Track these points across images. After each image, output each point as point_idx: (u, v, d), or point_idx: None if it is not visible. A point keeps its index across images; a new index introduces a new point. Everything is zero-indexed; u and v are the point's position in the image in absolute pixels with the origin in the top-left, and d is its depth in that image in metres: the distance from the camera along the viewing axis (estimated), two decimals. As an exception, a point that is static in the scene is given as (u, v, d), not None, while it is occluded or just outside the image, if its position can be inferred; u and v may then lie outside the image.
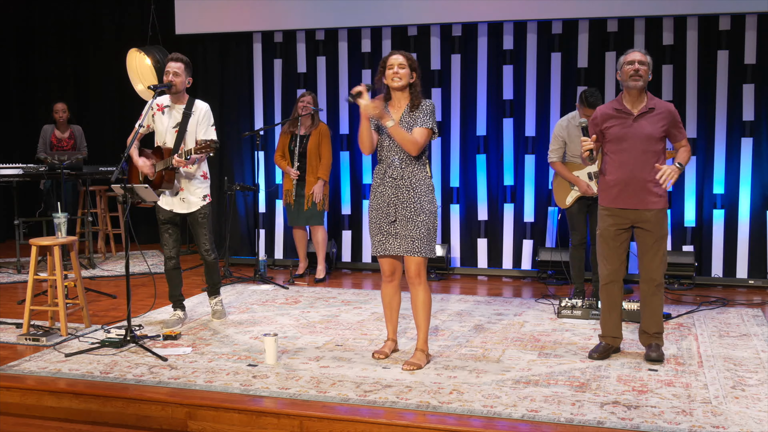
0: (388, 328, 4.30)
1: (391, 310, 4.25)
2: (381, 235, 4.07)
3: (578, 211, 5.52)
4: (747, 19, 6.32)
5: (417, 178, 4.03)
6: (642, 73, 4.02)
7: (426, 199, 4.03)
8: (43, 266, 6.46)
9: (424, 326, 4.11)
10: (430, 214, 4.03)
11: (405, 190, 4.01)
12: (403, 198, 4.01)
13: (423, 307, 4.08)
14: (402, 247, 4.01)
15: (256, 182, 7.22)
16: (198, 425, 3.56)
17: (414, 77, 4.05)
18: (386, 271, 4.17)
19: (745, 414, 3.37)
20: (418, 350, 4.12)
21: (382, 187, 4.06)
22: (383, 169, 4.07)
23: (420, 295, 4.07)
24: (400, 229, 4.01)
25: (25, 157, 8.07)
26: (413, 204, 4.00)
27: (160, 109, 4.85)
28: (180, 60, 4.78)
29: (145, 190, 4.56)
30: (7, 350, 4.45)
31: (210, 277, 5.12)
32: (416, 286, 4.07)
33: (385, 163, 4.07)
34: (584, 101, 5.30)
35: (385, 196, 4.04)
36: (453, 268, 7.12)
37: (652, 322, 4.16)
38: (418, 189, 4.02)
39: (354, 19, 7.06)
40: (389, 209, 4.03)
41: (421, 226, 4.00)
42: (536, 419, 3.31)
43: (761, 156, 6.40)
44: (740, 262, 6.48)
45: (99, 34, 8.89)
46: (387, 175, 4.04)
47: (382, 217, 4.05)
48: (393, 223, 4.02)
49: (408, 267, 4.06)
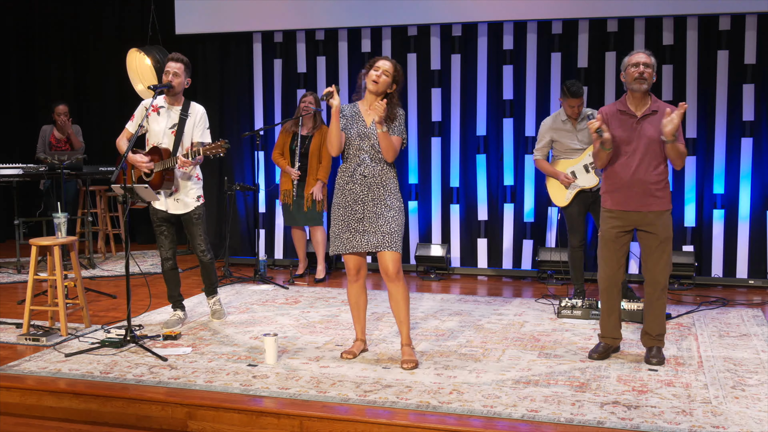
0: (356, 329, 4.31)
1: (358, 310, 4.27)
2: (348, 232, 4.07)
3: (578, 213, 5.51)
4: (747, 19, 6.32)
5: (387, 176, 4.08)
6: (647, 76, 4.00)
7: (395, 196, 4.10)
8: (43, 266, 6.46)
9: (407, 321, 4.13)
10: (399, 211, 4.09)
11: (376, 187, 4.05)
12: (373, 195, 4.04)
13: (404, 302, 4.09)
14: (372, 243, 4.03)
15: (256, 182, 7.22)
16: (198, 425, 3.56)
17: (393, 88, 4.08)
18: (352, 269, 4.17)
19: (745, 414, 3.37)
20: (406, 346, 4.14)
21: (351, 184, 4.07)
22: (352, 167, 4.08)
23: (400, 290, 4.08)
24: (368, 226, 4.03)
25: (25, 157, 8.07)
26: (383, 201, 4.04)
27: (155, 110, 4.83)
28: (180, 60, 4.78)
29: (145, 190, 4.56)
30: (7, 350, 4.45)
31: (207, 277, 5.11)
32: (395, 282, 4.07)
33: (354, 161, 4.08)
34: (566, 92, 5.34)
35: (354, 193, 4.06)
36: (453, 268, 7.12)
37: (655, 325, 4.15)
38: (387, 186, 4.07)
39: (354, 19, 7.06)
40: (357, 206, 4.05)
41: (391, 222, 4.03)
42: (536, 419, 3.31)
43: (761, 156, 6.40)
44: (740, 262, 6.48)
45: (99, 35, 8.89)
46: (357, 172, 4.06)
47: (350, 214, 4.06)
48: (361, 220, 4.04)
49: (385, 264, 4.04)
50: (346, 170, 4.10)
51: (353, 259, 4.15)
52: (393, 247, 4.02)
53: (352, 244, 4.07)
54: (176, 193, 4.84)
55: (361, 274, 4.21)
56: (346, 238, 4.08)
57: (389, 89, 4.06)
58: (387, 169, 4.09)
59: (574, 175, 5.44)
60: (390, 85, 4.05)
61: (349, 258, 4.15)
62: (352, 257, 4.14)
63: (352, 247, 4.07)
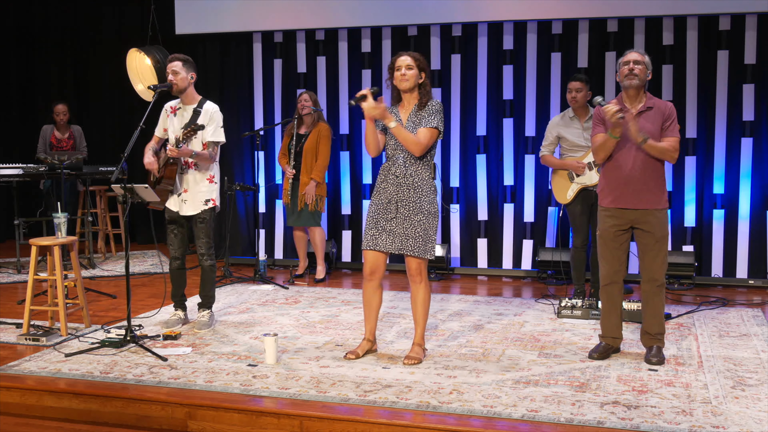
0: (366, 328, 4.30)
1: (369, 310, 4.24)
2: (376, 230, 4.08)
3: (581, 212, 5.51)
4: (747, 19, 6.32)
5: (420, 177, 4.05)
6: (637, 72, 4.02)
7: (426, 199, 4.05)
8: (43, 266, 6.46)
9: (422, 322, 4.16)
10: (428, 215, 4.05)
11: (407, 188, 4.03)
12: (404, 196, 4.03)
13: (423, 304, 4.12)
14: (395, 245, 4.03)
15: (256, 182, 7.22)
16: (198, 425, 3.56)
17: (423, 77, 4.07)
18: (367, 268, 4.15)
19: (745, 414, 3.37)
20: (416, 345, 4.17)
21: (385, 184, 4.08)
22: (388, 166, 4.10)
23: (420, 292, 4.11)
24: (396, 227, 4.03)
25: (25, 157, 8.06)
26: (413, 203, 4.02)
27: (173, 111, 4.88)
28: (177, 58, 4.78)
29: (145, 190, 4.56)
30: (7, 350, 4.45)
31: (203, 286, 4.99)
32: (417, 284, 4.10)
33: (391, 161, 4.09)
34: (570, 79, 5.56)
35: (387, 193, 4.06)
36: (453, 268, 7.12)
37: (653, 323, 4.15)
38: (419, 189, 4.03)
39: (354, 19, 7.06)
40: (389, 206, 4.04)
41: (417, 226, 4.01)
42: (536, 419, 3.31)
43: (761, 156, 6.40)
44: (740, 262, 6.48)
45: (99, 34, 8.89)
46: (391, 172, 4.06)
47: (381, 213, 4.06)
48: (391, 220, 4.03)
49: (408, 266, 4.09)
50: (383, 169, 4.13)
51: (371, 258, 4.13)
52: (416, 252, 4.01)
53: (376, 242, 4.07)
54: (185, 193, 4.83)
55: (376, 275, 4.17)
56: (371, 235, 4.09)
57: (419, 80, 4.06)
58: (421, 170, 4.05)
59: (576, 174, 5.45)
60: (418, 75, 4.05)
61: (368, 255, 4.13)
62: (370, 255, 4.13)
63: (375, 245, 4.07)
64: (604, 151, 4.11)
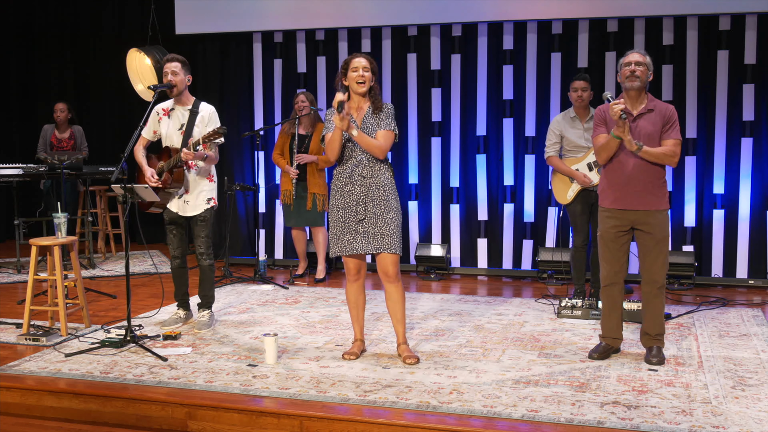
0: (355, 329, 4.31)
1: (357, 310, 4.28)
2: (349, 234, 4.07)
3: (581, 211, 5.50)
4: (747, 19, 6.32)
5: (385, 176, 4.08)
6: (639, 74, 4.01)
7: (393, 197, 4.10)
8: (43, 266, 6.46)
9: (403, 320, 4.19)
10: (397, 212, 4.09)
11: (375, 188, 4.04)
12: (372, 196, 4.04)
13: (400, 302, 4.15)
14: (372, 245, 4.03)
15: (256, 182, 7.22)
16: (198, 425, 3.56)
17: (373, 81, 4.09)
18: (352, 270, 4.17)
19: (745, 414, 3.37)
20: (403, 344, 4.19)
21: (349, 185, 4.06)
22: (349, 168, 4.07)
23: (398, 291, 4.13)
24: (369, 228, 4.03)
25: (25, 157, 8.07)
26: (383, 202, 4.04)
27: (166, 113, 4.85)
28: (176, 59, 4.78)
29: (145, 190, 4.56)
30: (7, 350, 4.45)
31: (202, 286, 4.98)
32: (393, 283, 4.11)
33: (351, 162, 4.07)
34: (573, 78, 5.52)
35: (353, 195, 4.05)
36: (453, 268, 7.12)
37: (653, 324, 4.15)
38: (386, 187, 4.07)
39: (354, 19, 7.06)
40: (358, 208, 4.04)
41: (390, 223, 4.03)
42: (536, 419, 3.31)
43: (761, 156, 6.40)
44: (740, 262, 6.48)
45: (99, 35, 8.89)
46: (355, 173, 4.05)
47: (351, 215, 4.06)
48: (361, 221, 4.04)
49: (385, 266, 4.07)
50: (343, 172, 4.09)
51: (354, 260, 4.15)
52: (393, 249, 4.03)
53: (353, 246, 4.07)
54: (186, 194, 4.83)
55: (362, 274, 4.22)
56: (346, 240, 4.08)
57: (372, 83, 4.07)
58: (384, 169, 4.09)
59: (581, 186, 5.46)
60: (372, 79, 4.06)
61: (350, 259, 4.15)
62: (352, 259, 4.14)
63: (353, 249, 4.07)
64: (606, 152, 4.09)
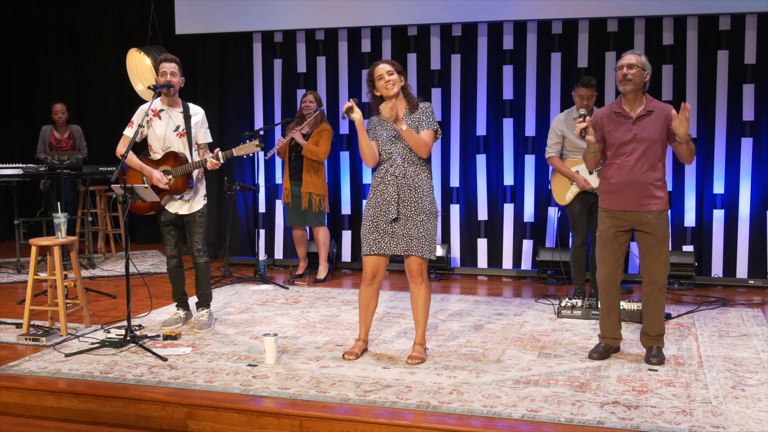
0: (361, 329, 4.30)
1: (366, 312, 4.26)
2: (377, 233, 4.07)
3: (580, 211, 5.51)
4: (747, 19, 6.32)
5: (419, 178, 4.06)
6: (631, 77, 4.00)
7: (427, 199, 4.06)
8: (43, 266, 6.46)
9: (423, 322, 4.17)
10: (430, 215, 4.06)
11: (407, 189, 4.03)
12: (404, 197, 4.03)
13: (424, 304, 4.14)
14: (399, 246, 4.03)
15: (256, 182, 7.22)
16: (198, 425, 3.56)
17: (403, 80, 4.10)
18: (368, 272, 4.15)
19: (745, 414, 3.37)
20: (418, 344, 4.18)
21: (383, 185, 4.07)
22: (385, 168, 4.09)
23: (422, 293, 4.12)
24: (399, 228, 4.03)
25: (25, 157, 8.07)
26: (414, 203, 4.03)
27: (156, 114, 4.81)
28: (174, 60, 4.77)
29: (145, 190, 4.55)
30: (7, 350, 4.45)
31: (200, 285, 4.96)
32: (418, 285, 4.11)
33: (388, 162, 4.08)
34: (578, 82, 5.41)
35: (386, 194, 4.05)
36: (453, 268, 7.12)
37: (654, 325, 4.15)
38: (420, 189, 4.05)
39: (354, 19, 7.06)
40: (390, 207, 4.03)
41: (420, 226, 4.02)
42: (536, 419, 3.31)
43: (761, 156, 6.40)
44: (740, 262, 6.48)
45: (99, 34, 8.89)
46: (389, 173, 4.06)
47: (381, 215, 4.06)
48: (393, 221, 4.03)
49: (410, 266, 4.08)
50: (379, 172, 4.11)
51: (372, 262, 4.13)
52: (420, 252, 4.02)
53: (380, 246, 4.06)
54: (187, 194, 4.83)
55: (377, 279, 4.18)
56: (373, 239, 4.08)
57: (402, 83, 4.09)
58: (420, 170, 4.07)
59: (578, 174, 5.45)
60: (400, 79, 4.08)
61: (369, 259, 4.13)
62: (372, 259, 4.12)
63: (379, 249, 4.06)
64: (589, 164, 4.24)
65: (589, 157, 4.16)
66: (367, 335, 4.33)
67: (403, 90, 4.11)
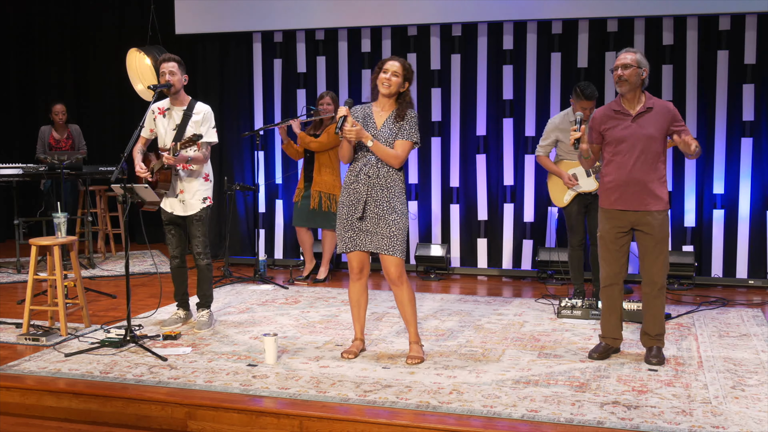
0: (356, 328, 4.31)
1: (359, 309, 4.28)
2: (352, 231, 4.08)
3: (577, 212, 5.51)
4: (747, 19, 6.32)
5: (392, 179, 4.07)
6: (626, 77, 4.00)
7: (398, 200, 4.07)
8: (42, 266, 6.46)
9: (413, 321, 4.17)
10: (401, 215, 4.07)
11: (379, 188, 4.04)
12: (375, 196, 4.04)
13: (409, 303, 4.14)
14: (374, 244, 4.04)
15: (256, 182, 7.22)
16: (198, 425, 3.56)
17: (406, 87, 4.09)
18: (355, 268, 4.17)
19: (745, 414, 3.37)
20: (413, 343, 4.18)
21: (355, 184, 4.08)
22: (358, 167, 4.08)
23: (405, 294, 4.12)
24: (371, 227, 4.04)
25: (24, 157, 8.07)
26: (386, 202, 4.03)
27: (162, 112, 4.85)
28: (173, 59, 4.78)
29: (145, 190, 4.56)
30: (7, 350, 4.45)
31: (200, 286, 4.97)
32: (399, 287, 4.11)
33: (361, 161, 4.08)
34: (578, 93, 5.26)
35: (357, 192, 4.06)
36: (453, 268, 7.12)
37: (654, 325, 4.15)
38: (391, 189, 4.06)
39: (354, 19, 7.06)
40: (359, 205, 4.04)
41: (392, 225, 4.02)
42: (536, 419, 3.31)
43: (761, 156, 6.40)
44: (740, 262, 6.48)
45: (99, 34, 8.89)
46: (362, 172, 4.06)
47: (352, 213, 4.07)
48: (360, 219, 4.04)
49: (387, 268, 4.07)
50: (353, 170, 4.11)
51: (356, 258, 4.15)
52: (393, 251, 4.02)
53: (355, 243, 4.08)
54: (182, 194, 4.83)
55: (364, 273, 4.21)
56: (348, 237, 4.09)
57: (401, 89, 4.07)
58: (393, 172, 4.08)
59: (575, 177, 5.45)
60: (402, 84, 4.05)
61: (353, 256, 4.15)
62: (355, 255, 4.14)
63: (354, 245, 4.08)
64: (583, 164, 4.30)
65: (583, 162, 4.26)
66: (363, 334, 4.34)
67: (401, 95, 4.09)
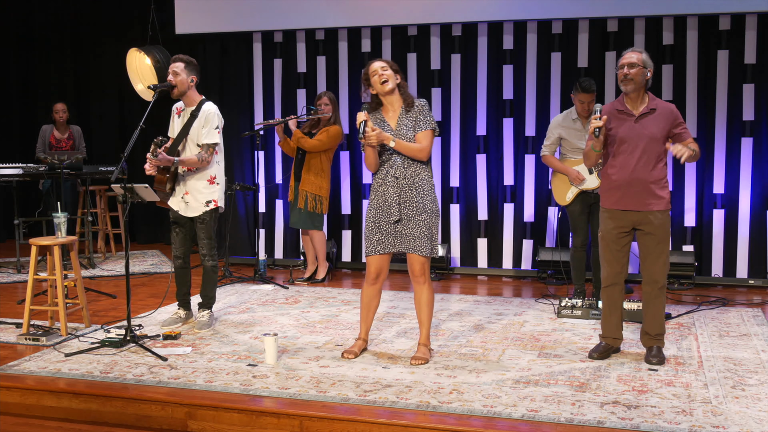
0: (362, 327, 4.31)
1: (368, 311, 4.27)
2: (380, 234, 4.07)
3: (580, 212, 5.50)
4: (747, 19, 6.32)
5: (420, 177, 4.06)
6: (632, 76, 3.99)
7: (428, 198, 4.06)
8: (43, 266, 6.46)
9: (427, 323, 4.18)
10: (432, 214, 4.06)
11: (408, 189, 4.03)
12: (405, 197, 4.03)
13: (427, 305, 4.14)
14: (403, 245, 4.04)
15: (256, 182, 7.21)
16: (198, 425, 3.56)
17: (399, 78, 4.10)
18: (372, 272, 4.16)
19: (745, 414, 3.37)
20: (422, 345, 4.18)
21: (383, 186, 4.07)
22: (385, 169, 4.08)
23: (425, 293, 4.12)
24: (401, 228, 4.03)
25: (25, 157, 8.06)
26: (416, 203, 4.03)
27: (178, 112, 4.92)
28: (180, 60, 4.79)
29: (145, 189, 4.56)
30: (7, 350, 4.45)
31: (204, 287, 4.98)
32: (421, 285, 4.11)
33: (387, 163, 4.08)
34: (578, 87, 5.33)
35: (387, 195, 4.05)
36: (453, 267, 7.12)
37: (654, 324, 4.15)
38: (420, 188, 4.05)
39: (354, 19, 7.06)
40: (392, 209, 4.03)
41: (422, 225, 4.02)
42: (536, 419, 3.31)
43: (761, 156, 6.40)
44: (740, 262, 6.48)
45: (99, 34, 8.89)
46: (389, 174, 4.05)
47: (383, 216, 4.06)
48: (397, 222, 4.04)
49: (412, 265, 4.08)
50: (380, 173, 4.10)
51: (376, 262, 4.13)
52: (422, 251, 4.03)
53: (384, 245, 4.07)
54: (187, 195, 4.83)
55: (380, 279, 4.20)
56: (377, 240, 4.09)
57: (397, 81, 4.08)
58: (420, 170, 4.07)
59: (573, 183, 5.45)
60: (395, 76, 4.07)
61: (373, 260, 4.13)
62: (375, 259, 4.13)
63: (383, 248, 4.07)
64: (589, 160, 4.22)
65: (591, 155, 4.14)
66: (368, 335, 4.34)
67: (400, 88, 4.10)
